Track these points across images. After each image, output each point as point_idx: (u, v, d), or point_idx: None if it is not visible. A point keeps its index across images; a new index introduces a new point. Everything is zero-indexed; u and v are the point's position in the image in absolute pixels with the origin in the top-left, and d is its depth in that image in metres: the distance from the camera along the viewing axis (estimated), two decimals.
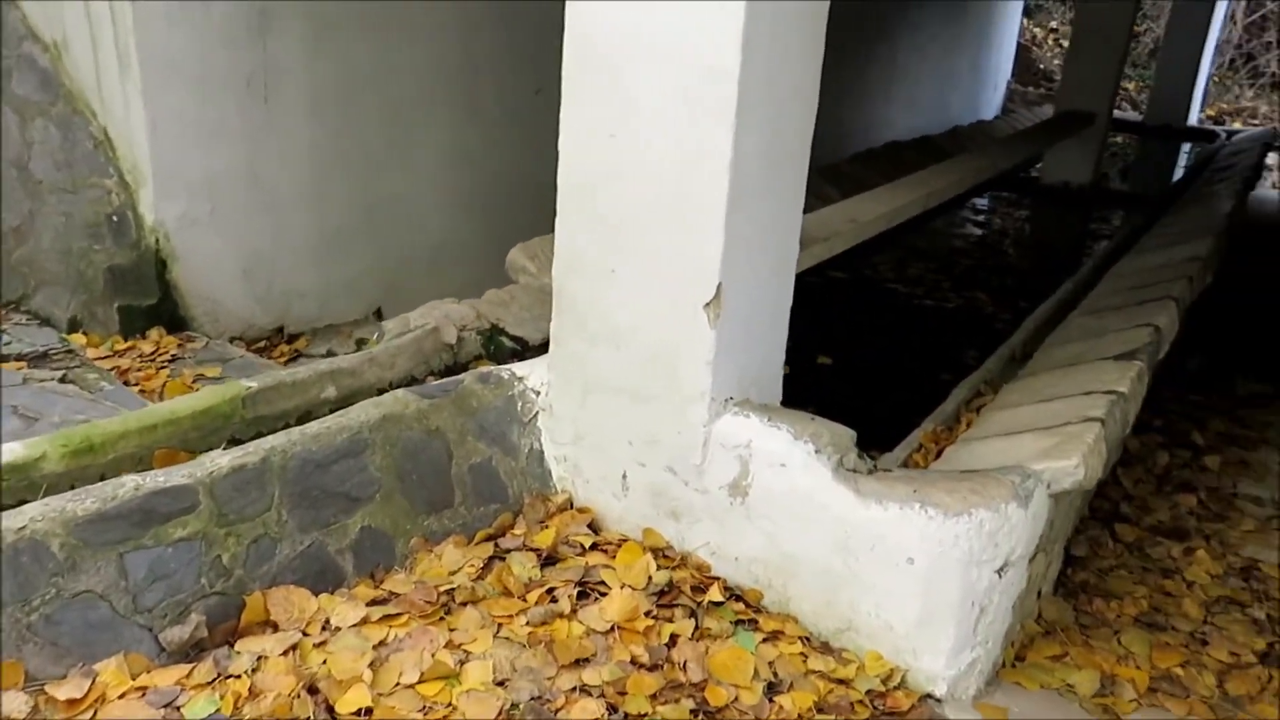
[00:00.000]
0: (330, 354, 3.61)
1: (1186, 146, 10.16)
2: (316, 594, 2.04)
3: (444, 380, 2.51)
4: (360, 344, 3.64)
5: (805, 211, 3.61)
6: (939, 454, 2.68)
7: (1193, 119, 10.85)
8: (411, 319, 2.90)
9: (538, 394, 2.51)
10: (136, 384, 2.94)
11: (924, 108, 8.66)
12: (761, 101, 2.06)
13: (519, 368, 2.58)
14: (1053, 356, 3.34)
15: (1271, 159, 10.12)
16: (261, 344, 3.64)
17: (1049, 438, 2.48)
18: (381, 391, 2.52)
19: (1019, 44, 12.15)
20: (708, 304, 2.13)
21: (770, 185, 2.19)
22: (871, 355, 3.76)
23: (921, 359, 3.73)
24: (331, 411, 2.33)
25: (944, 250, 5.33)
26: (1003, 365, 3.37)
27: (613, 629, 2.09)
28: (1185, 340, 3.60)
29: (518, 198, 4.58)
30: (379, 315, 4.14)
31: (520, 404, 2.51)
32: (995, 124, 9.75)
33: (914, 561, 2.08)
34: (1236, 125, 11.68)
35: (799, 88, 2.20)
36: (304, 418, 2.40)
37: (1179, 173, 9.14)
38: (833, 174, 5.77)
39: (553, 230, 2.39)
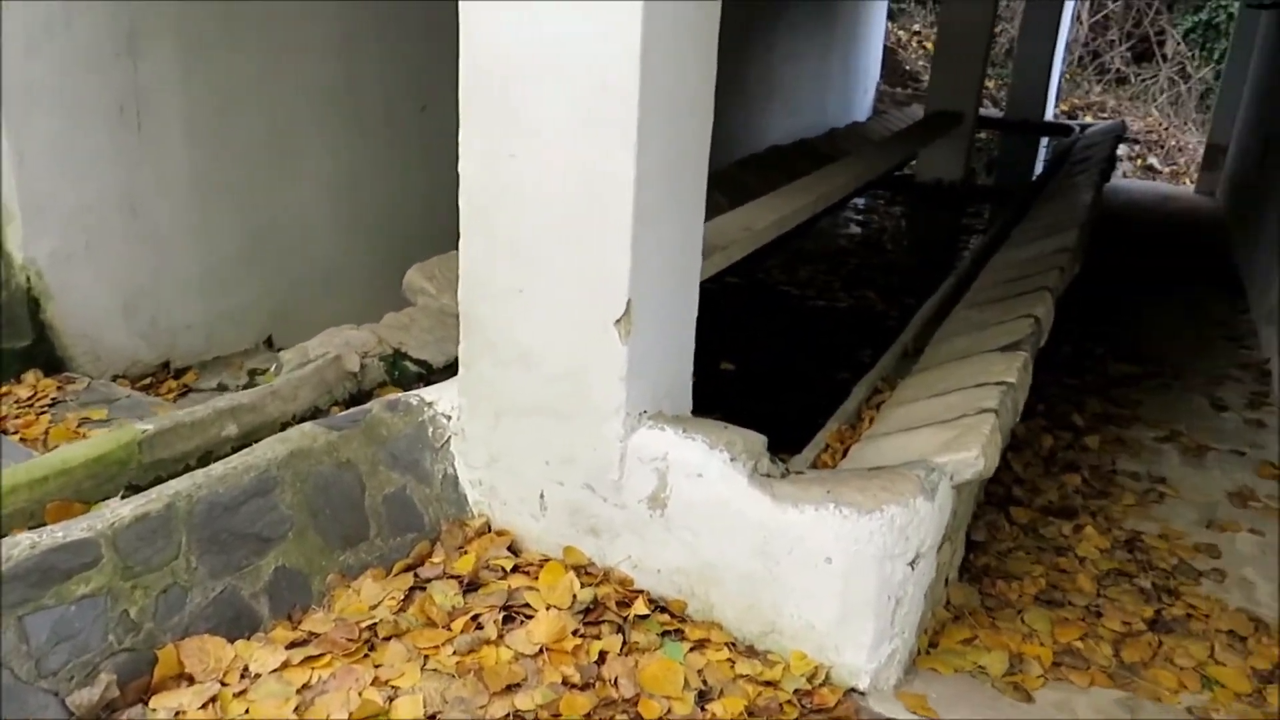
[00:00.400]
0: (221, 387, 3.49)
1: (1045, 140, 10.71)
2: (232, 641, 1.97)
3: (351, 410, 2.46)
4: (253, 375, 3.53)
5: None
6: (845, 453, 2.76)
7: (1049, 114, 11.44)
8: (310, 348, 2.82)
9: (449, 418, 2.48)
10: (15, 432, 2.78)
11: (802, 111, 8.89)
12: (661, 117, 2.09)
13: (428, 393, 2.54)
14: (942, 351, 3.47)
15: (1121, 150, 10.76)
16: (147, 381, 3.49)
17: (948, 430, 2.59)
18: (285, 426, 2.45)
19: (885, 47, 12.60)
20: (618, 320, 2.15)
21: (673, 199, 2.22)
22: (771, 358, 3.85)
23: (819, 360, 3.84)
24: (234, 450, 2.26)
25: (831, 251, 5.48)
26: (896, 361, 3.49)
27: (541, 651, 2.08)
28: (1058, 327, 3.80)
29: (408, 217, 4.52)
30: (270, 344, 4.01)
31: (431, 430, 2.48)
32: (869, 125, 10.08)
33: (832, 561, 2.14)
34: (1088, 119, 12.38)
35: (696, 101, 2.23)
36: (205, 458, 2.32)
37: (1040, 166, 9.62)
38: (720, 180, 5.87)
39: (447, 249, 2.37)
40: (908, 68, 13.70)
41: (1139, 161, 12.04)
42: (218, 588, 1.99)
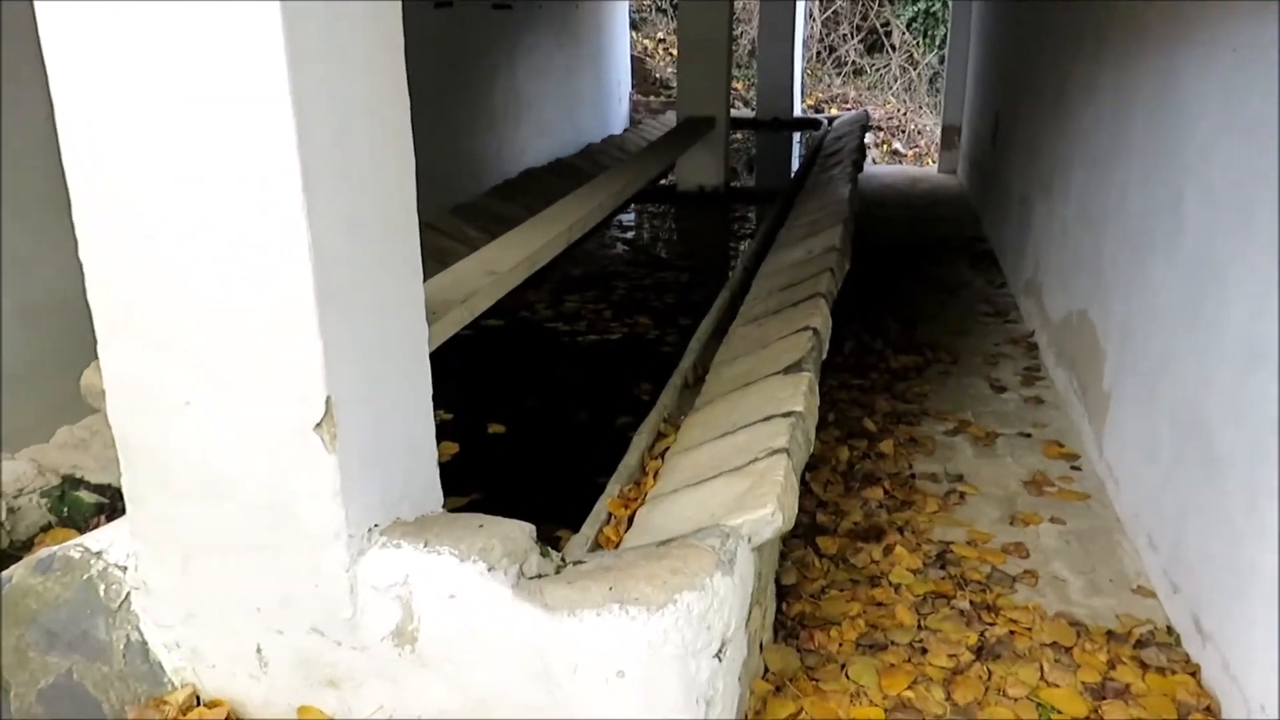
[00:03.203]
0: None
1: (797, 135, 10.93)
2: None
3: None
4: None
5: (441, 266, 3.24)
6: (630, 521, 2.41)
7: (797, 110, 11.72)
8: None
9: (124, 569, 1.94)
10: None
11: (554, 130, 8.59)
12: (338, 165, 1.65)
13: (94, 539, 1.98)
14: (724, 377, 3.20)
15: (868, 138, 11.15)
16: None
17: (740, 480, 2.29)
18: None
19: (632, 56, 12.56)
20: (319, 425, 1.69)
21: (373, 262, 1.79)
22: (544, 411, 3.46)
23: (596, 404, 3.48)
24: None
25: (598, 275, 5.16)
26: (678, 396, 3.19)
27: None
28: (837, 323, 3.63)
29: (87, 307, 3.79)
30: None
31: (103, 587, 1.92)
32: (626, 137, 9.92)
33: (625, 674, 1.77)
34: (834, 111, 12.81)
35: (389, 139, 1.81)
36: None
37: (796, 161, 9.78)
38: (470, 212, 5.45)
39: None
40: (658, 75, 13.75)
41: (884, 147, 12.56)
42: None
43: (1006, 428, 3.90)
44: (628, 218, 6.75)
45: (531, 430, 3.23)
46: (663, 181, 7.29)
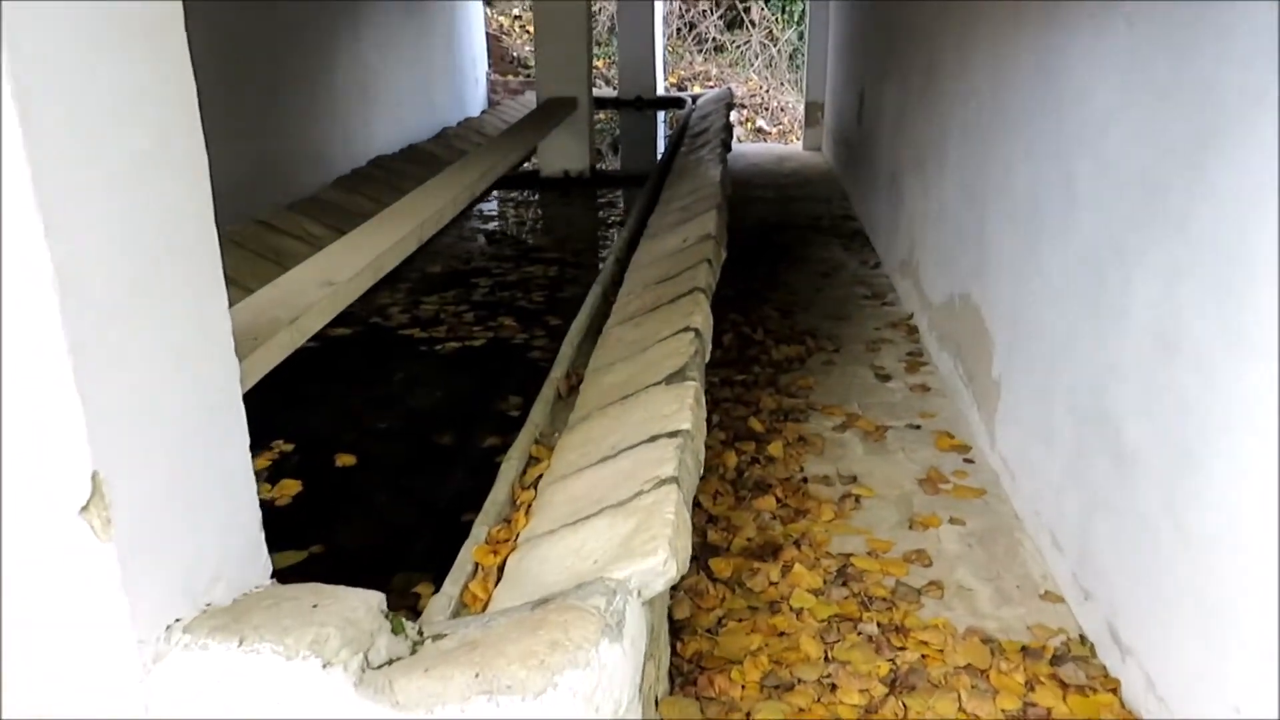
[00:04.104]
0: None
1: (662, 114, 10.70)
2: None
3: None
4: None
5: (280, 270, 2.82)
6: (500, 570, 2.09)
7: (660, 88, 11.48)
8: None
9: None
10: None
11: (408, 113, 8.09)
12: (91, 178, 1.27)
13: None
14: (602, 386, 2.91)
15: (733, 116, 11.01)
16: None
17: (625, 519, 2.00)
18: None
19: (488, 34, 12.07)
20: (85, 508, 1.31)
21: (155, 293, 1.41)
22: (402, 436, 3.08)
23: (459, 424, 3.13)
24: None
25: (459, 272, 4.76)
26: (550, 411, 2.87)
27: None
28: (717, 313, 3.37)
29: None
30: None
31: None
32: (484, 119, 9.48)
33: None
34: (697, 89, 12.62)
35: (167, 140, 1.43)
36: None
37: (662, 142, 9.54)
38: (314, 207, 4.97)
39: None
40: (515, 54, 13.28)
41: (749, 125, 12.48)
42: None
43: (895, 420, 3.75)
44: (489, 206, 6.36)
45: (386, 460, 2.85)
46: (525, 166, 6.91)
